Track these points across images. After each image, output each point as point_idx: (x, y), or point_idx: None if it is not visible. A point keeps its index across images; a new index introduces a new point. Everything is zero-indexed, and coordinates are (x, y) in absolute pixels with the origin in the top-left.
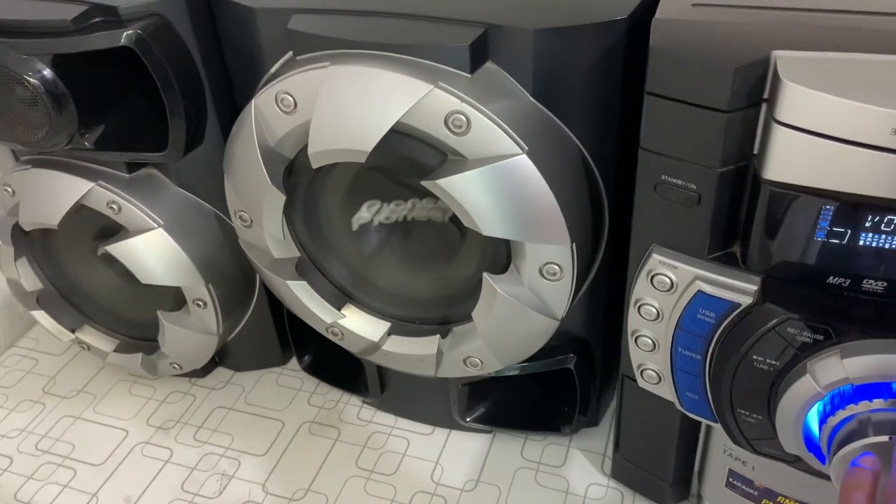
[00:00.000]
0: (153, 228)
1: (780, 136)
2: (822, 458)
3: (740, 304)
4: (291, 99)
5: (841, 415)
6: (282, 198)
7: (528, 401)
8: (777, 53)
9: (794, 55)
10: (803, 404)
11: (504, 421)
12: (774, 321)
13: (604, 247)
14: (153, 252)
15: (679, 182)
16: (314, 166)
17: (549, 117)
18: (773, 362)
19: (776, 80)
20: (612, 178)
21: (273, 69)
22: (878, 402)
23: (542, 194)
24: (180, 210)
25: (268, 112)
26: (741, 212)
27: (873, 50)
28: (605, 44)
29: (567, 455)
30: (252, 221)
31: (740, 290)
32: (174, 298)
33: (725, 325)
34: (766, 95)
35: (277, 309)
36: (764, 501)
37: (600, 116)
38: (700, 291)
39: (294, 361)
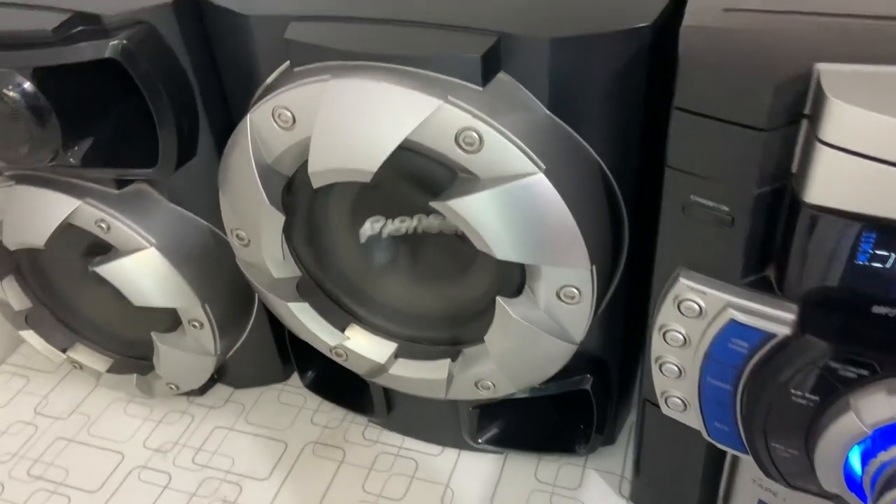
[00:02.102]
0: (145, 248)
1: (823, 157)
2: (863, 498)
3: (776, 335)
4: (289, 114)
5: (885, 456)
6: (281, 218)
7: (542, 420)
8: (821, 66)
9: (839, 68)
10: (846, 442)
11: (517, 442)
12: (815, 354)
13: (623, 264)
14: (145, 273)
15: (710, 203)
16: (315, 186)
17: (566, 131)
18: (813, 397)
19: (820, 95)
20: (633, 194)
21: (269, 80)
22: None
23: (561, 216)
24: (173, 227)
25: (264, 128)
26: (777, 234)
27: None
28: (627, 53)
29: (583, 476)
30: (250, 241)
31: (776, 318)
32: (170, 316)
33: (760, 355)
34: (807, 111)
35: (278, 324)
36: None
37: (621, 129)
38: (732, 320)
39: (296, 377)
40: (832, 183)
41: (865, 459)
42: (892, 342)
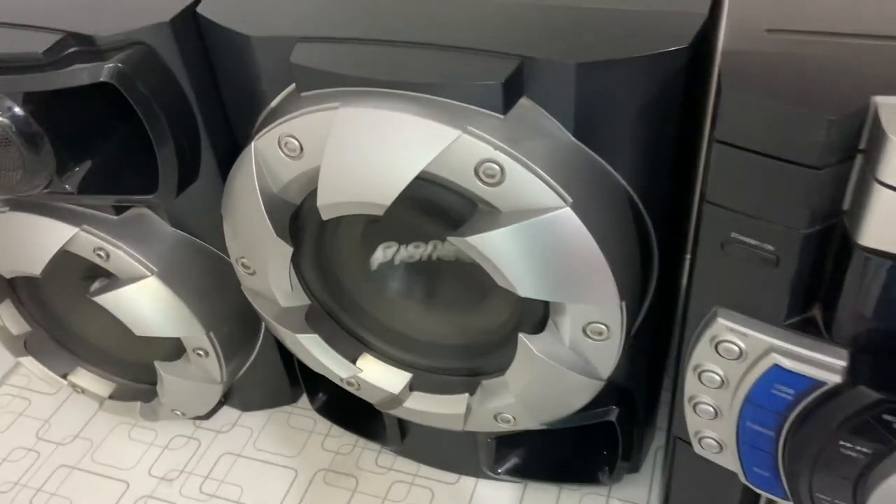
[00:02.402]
0: (146, 276)
1: (880, 197)
2: None
3: (825, 383)
4: (297, 143)
5: None
6: (289, 250)
7: (563, 449)
8: (878, 100)
9: None
10: None
11: (537, 472)
12: (867, 405)
13: (651, 296)
14: (147, 302)
15: (753, 241)
16: (325, 218)
17: (593, 159)
18: (864, 449)
19: (878, 132)
20: (664, 223)
21: (273, 103)
22: None
23: (589, 251)
24: (175, 253)
25: (270, 156)
26: (824, 274)
27: None
28: (660, 77)
29: None
30: (255, 270)
31: (825, 365)
32: (173, 342)
33: (806, 403)
34: (862, 146)
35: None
36: None
37: (653, 156)
38: (776, 365)
39: (305, 399)
40: (889, 225)
41: None
42: None
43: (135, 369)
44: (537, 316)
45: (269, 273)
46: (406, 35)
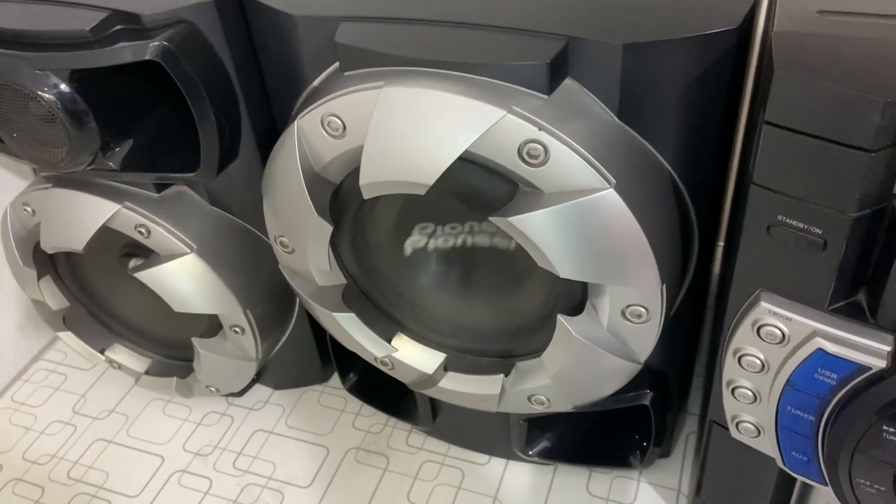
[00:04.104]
0: (186, 253)
1: None
2: None
3: (870, 368)
4: (340, 122)
5: None
6: (329, 228)
7: (595, 433)
8: None
9: None
10: None
11: (568, 455)
12: None
13: (690, 278)
14: (186, 279)
15: (800, 225)
16: (365, 197)
17: (637, 141)
18: None
19: None
20: (706, 206)
21: (316, 82)
22: None
23: (632, 233)
24: (214, 231)
25: (313, 135)
26: (872, 258)
27: None
28: (709, 59)
29: (637, 490)
30: (294, 249)
31: (870, 350)
32: (210, 319)
33: (850, 387)
34: None
35: (318, 325)
36: None
37: (697, 139)
38: (820, 349)
39: (336, 378)
40: None
41: None
42: None
43: (171, 346)
44: (576, 298)
45: (308, 251)
46: (450, 15)
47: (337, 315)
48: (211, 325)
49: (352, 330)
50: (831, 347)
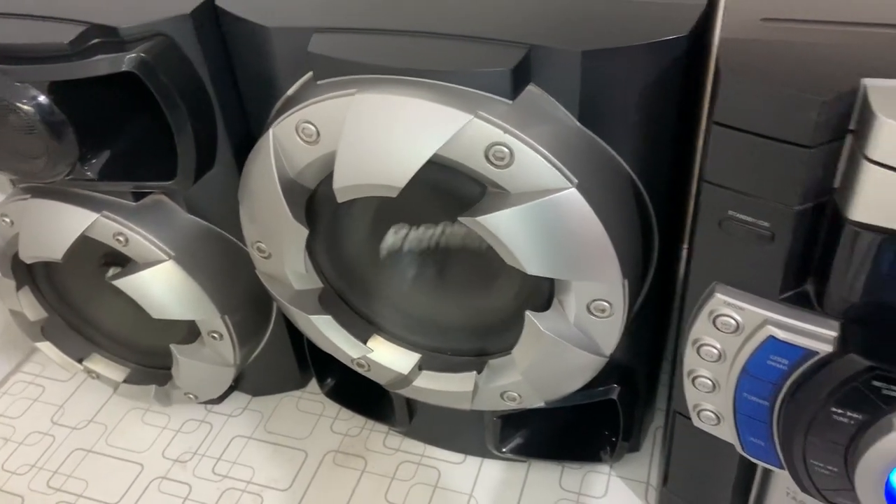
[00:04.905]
0: (163, 260)
1: (870, 175)
2: None
3: (818, 352)
4: (313, 128)
5: None
6: (304, 232)
7: (566, 429)
8: (867, 82)
9: (887, 84)
10: (888, 462)
11: (541, 451)
12: (857, 373)
13: (652, 276)
14: (164, 286)
15: (749, 219)
16: (340, 201)
17: (598, 144)
18: (855, 416)
19: (867, 113)
20: (665, 205)
21: (290, 91)
22: None
23: (594, 230)
24: (191, 238)
25: (287, 142)
26: (817, 249)
27: None
28: (661, 64)
29: (608, 484)
30: (271, 254)
31: (817, 336)
32: (188, 327)
33: (800, 372)
34: (852, 126)
35: (296, 331)
36: None
37: (654, 141)
38: (771, 336)
39: (314, 383)
40: (878, 200)
41: None
42: None
43: (149, 354)
44: (543, 295)
45: (285, 256)
46: (419, 25)
47: (313, 318)
48: (189, 332)
49: (328, 332)
50: (781, 334)
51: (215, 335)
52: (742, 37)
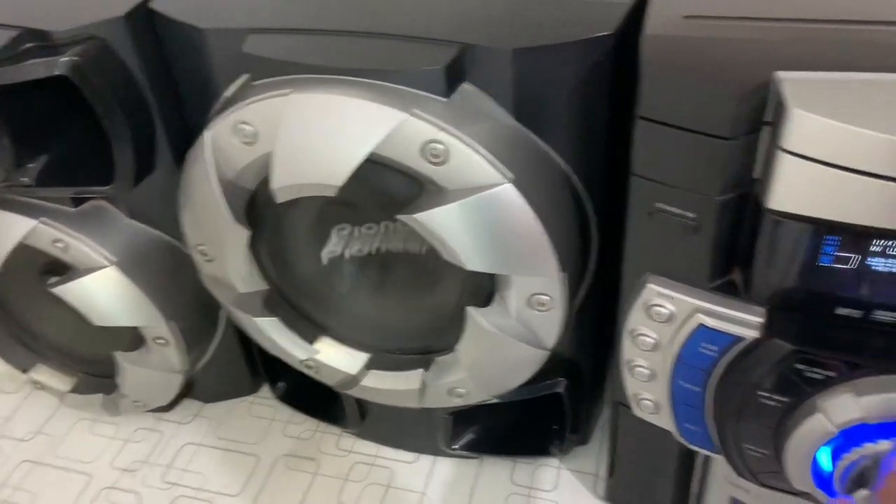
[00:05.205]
0: (105, 266)
1: (784, 164)
2: (832, 494)
3: (744, 338)
4: (251, 129)
5: (856, 453)
6: (246, 233)
7: (517, 424)
8: (781, 75)
9: (799, 76)
10: (814, 442)
11: (492, 446)
12: (781, 357)
13: (593, 269)
14: (106, 292)
15: (675, 210)
16: (278, 201)
17: (533, 140)
18: (781, 399)
19: (780, 104)
20: (602, 200)
21: (228, 93)
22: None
23: (530, 225)
24: (134, 243)
25: (225, 143)
26: (741, 239)
27: (885, 68)
28: (589, 61)
29: (558, 478)
30: (214, 257)
31: (744, 322)
32: (133, 334)
33: (729, 358)
34: (768, 119)
35: (246, 335)
36: None
37: (588, 137)
38: (701, 324)
39: (266, 388)
40: (793, 189)
41: (836, 456)
42: (856, 343)
43: (95, 363)
44: (485, 291)
45: (227, 258)
46: (354, 25)
47: (258, 320)
48: (134, 339)
49: (274, 335)
50: (711, 322)
51: (161, 341)
52: (664, 33)
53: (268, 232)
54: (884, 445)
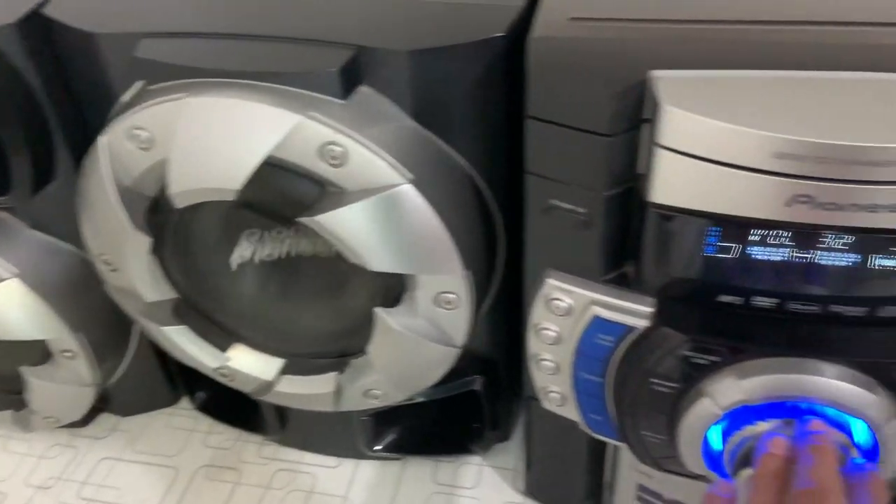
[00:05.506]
0: (6, 279)
1: (662, 159)
2: (723, 475)
3: (636, 328)
4: (146, 134)
5: (740, 435)
6: (147, 240)
7: (438, 423)
8: (655, 73)
9: (672, 75)
10: (702, 425)
11: (414, 447)
12: (670, 344)
13: (502, 267)
14: (9, 305)
15: (568, 206)
16: (178, 207)
17: (433, 141)
18: (673, 385)
19: (655, 102)
20: (506, 198)
21: (125, 98)
22: (774, 423)
23: (431, 224)
24: (37, 254)
25: (121, 149)
26: (630, 232)
27: (755, 65)
28: (484, 63)
29: (480, 475)
30: (118, 266)
31: (636, 312)
32: (40, 348)
33: (624, 348)
34: (647, 116)
35: None
36: None
37: (487, 136)
38: (596, 316)
39: (187, 399)
40: (672, 183)
41: (725, 438)
42: (738, 329)
43: (4, 379)
44: (394, 292)
45: (130, 267)
46: (249, 28)
47: (167, 329)
48: (42, 356)
49: (184, 343)
50: (605, 313)
51: (68, 354)
52: (549, 35)
53: (173, 239)
54: (762, 427)
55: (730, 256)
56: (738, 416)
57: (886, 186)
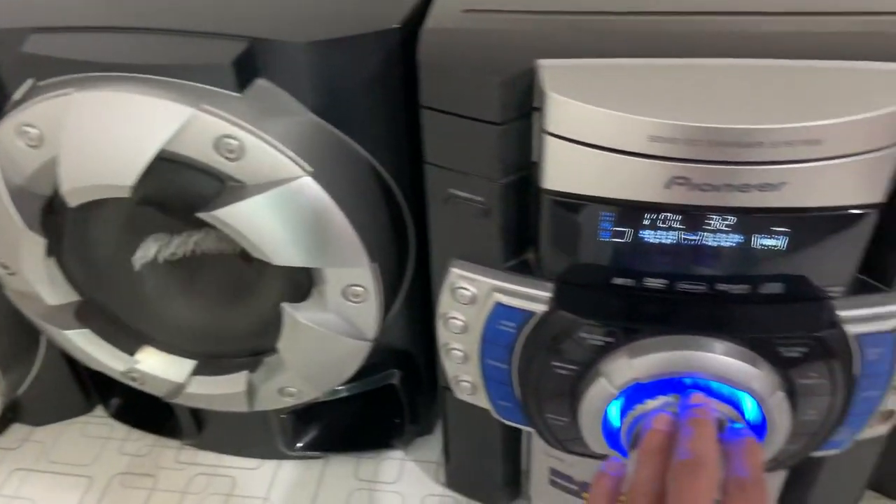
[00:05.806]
0: None
1: (550, 146)
2: (625, 454)
3: (535, 313)
4: (36, 131)
5: (633, 413)
6: (41, 241)
7: (359, 419)
8: (541, 62)
9: (556, 63)
10: (600, 405)
11: (335, 444)
12: (567, 327)
13: (413, 259)
14: None
15: (466, 195)
16: (71, 205)
17: (334, 134)
18: (572, 367)
19: (541, 90)
20: (411, 190)
21: (16, 96)
22: (664, 399)
23: (333, 217)
24: None
25: (10, 147)
26: (530, 219)
27: (634, 54)
28: (381, 54)
29: (402, 469)
30: (14, 270)
31: (535, 298)
32: None
33: (525, 334)
34: (536, 104)
35: None
36: (584, 494)
37: (388, 129)
38: (498, 303)
39: (102, 408)
40: (561, 169)
41: (622, 417)
42: (630, 310)
43: None
44: (303, 288)
45: (27, 270)
46: (140, 21)
47: (69, 333)
48: None
49: (88, 347)
50: (506, 300)
51: None
52: (440, 26)
53: (72, 239)
54: (651, 404)
55: (623, 241)
56: (633, 395)
57: (755, 166)
